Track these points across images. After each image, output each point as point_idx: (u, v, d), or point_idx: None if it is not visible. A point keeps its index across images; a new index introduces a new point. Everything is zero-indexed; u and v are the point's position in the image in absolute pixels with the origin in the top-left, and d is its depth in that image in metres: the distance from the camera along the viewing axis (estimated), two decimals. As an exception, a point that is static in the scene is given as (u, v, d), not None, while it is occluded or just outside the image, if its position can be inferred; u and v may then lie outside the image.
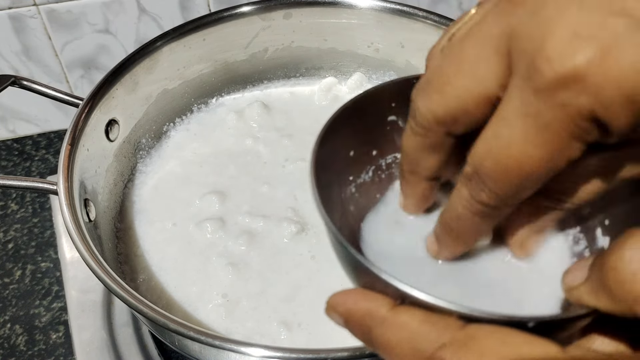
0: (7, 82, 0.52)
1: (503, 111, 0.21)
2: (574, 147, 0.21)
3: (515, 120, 0.21)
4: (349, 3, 0.59)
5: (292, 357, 0.36)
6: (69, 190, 0.45)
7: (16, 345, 0.58)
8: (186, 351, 0.42)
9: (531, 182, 0.22)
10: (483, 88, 0.22)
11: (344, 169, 0.30)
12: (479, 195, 0.23)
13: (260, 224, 0.51)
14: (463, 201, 0.24)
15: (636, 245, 0.19)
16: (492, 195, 0.23)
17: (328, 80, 0.64)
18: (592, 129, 0.20)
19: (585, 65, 0.19)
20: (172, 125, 0.61)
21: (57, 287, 0.62)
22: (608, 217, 0.27)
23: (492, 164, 0.22)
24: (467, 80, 0.22)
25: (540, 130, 0.20)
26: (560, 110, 0.20)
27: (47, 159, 0.75)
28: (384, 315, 0.22)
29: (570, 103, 0.19)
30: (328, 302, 0.24)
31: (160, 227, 0.53)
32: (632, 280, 0.19)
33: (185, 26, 0.57)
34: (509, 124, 0.21)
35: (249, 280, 0.48)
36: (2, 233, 0.67)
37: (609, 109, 0.19)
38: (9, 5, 0.66)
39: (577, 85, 0.19)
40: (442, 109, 0.23)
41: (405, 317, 0.22)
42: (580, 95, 0.19)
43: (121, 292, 0.39)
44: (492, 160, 0.22)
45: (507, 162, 0.21)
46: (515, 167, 0.21)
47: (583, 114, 0.19)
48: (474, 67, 0.22)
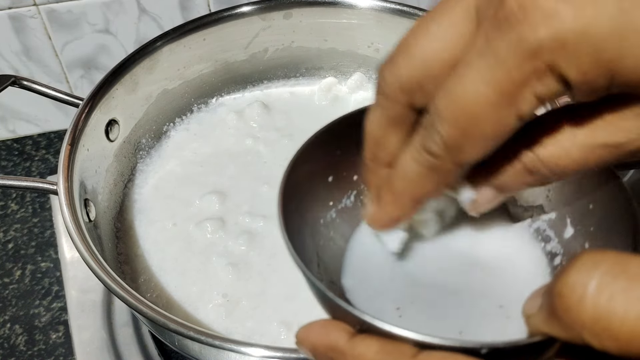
0: (7, 82, 0.52)
1: (467, 56, 0.21)
2: (525, 98, 0.20)
3: (474, 59, 0.20)
4: (349, 3, 0.59)
5: (292, 357, 0.36)
6: (69, 190, 0.45)
7: (16, 345, 0.58)
8: (186, 351, 0.42)
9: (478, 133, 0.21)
10: (450, 49, 0.21)
11: (323, 195, 0.30)
12: (428, 143, 0.22)
13: (260, 224, 0.51)
14: (413, 153, 0.23)
15: (581, 269, 0.18)
16: (441, 143, 0.22)
17: (328, 80, 0.64)
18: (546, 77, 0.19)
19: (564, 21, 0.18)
20: (172, 125, 0.61)
21: (57, 287, 0.62)
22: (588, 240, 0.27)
23: (445, 105, 0.21)
24: (432, 41, 0.22)
25: (494, 66, 0.20)
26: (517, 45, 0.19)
27: (47, 159, 0.75)
28: (342, 347, 0.23)
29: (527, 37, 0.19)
30: (296, 336, 0.25)
31: (160, 227, 0.53)
32: (577, 307, 0.18)
33: (185, 26, 0.57)
34: (468, 65, 0.20)
35: (249, 280, 0.48)
36: (2, 233, 0.67)
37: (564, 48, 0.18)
38: (9, 5, 0.66)
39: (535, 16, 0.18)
40: (407, 72, 0.22)
41: (361, 348, 0.22)
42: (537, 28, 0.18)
43: (121, 292, 0.39)
44: (446, 100, 0.21)
45: (459, 101, 0.21)
46: (465, 108, 0.21)
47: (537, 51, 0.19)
48: (440, 28, 0.22)
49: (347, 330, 0.23)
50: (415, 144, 0.23)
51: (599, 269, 0.18)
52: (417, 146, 0.23)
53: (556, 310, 0.19)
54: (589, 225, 0.27)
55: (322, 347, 0.23)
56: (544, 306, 0.20)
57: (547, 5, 0.18)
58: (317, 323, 0.24)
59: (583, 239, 0.27)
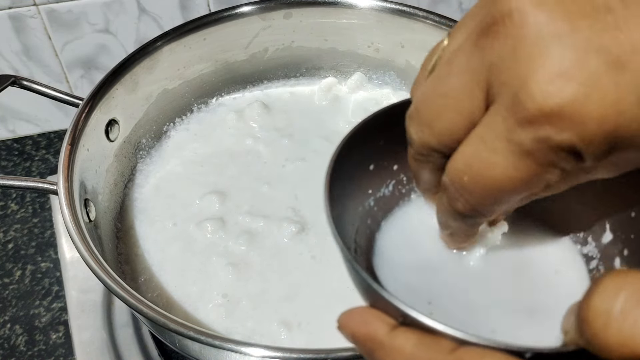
0: (7, 82, 0.52)
1: (484, 133, 0.22)
2: (551, 173, 0.22)
3: (497, 144, 0.22)
4: (349, 3, 0.59)
5: (292, 357, 0.36)
6: (69, 190, 0.45)
7: (16, 346, 0.58)
8: (186, 351, 0.42)
9: (506, 199, 0.23)
10: (468, 118, 0.23)
11: (364, 182, 0.30)
12: (455, 204, 0.25)
13: (261, 224, 0.51)
14: (443, 206, 0.26)
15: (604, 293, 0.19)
16: (467, 206, 0.24)
17: (328, 80, 0.64)
18: (570, 159, 0.21)
19: (567, 104, 0.20)
20: (172, 125, 0.61)
21: (57, 287, 0.62)
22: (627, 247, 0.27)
23: (471, 180, 0.23)
24: (453, 114, 0.23)
25: (522, 156, 0.21)
26: (543, 143, 0.21)
27: (47, 159, 0.75)
28: (382, 339, 0.23)
29: (552, 137, 0.20)
30: (338, 320, 0.25)
31: (160, 227, 0.53)
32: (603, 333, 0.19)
33: (185, 26, 0.57)
34: (490, 147, 0.22)
35: (249, 280, 0.48)
36: (2, 233, 0.67)
37: (590, 144, 0.20)
38: (9, 5, 0.66)
39: (559, 122, 0.20)
40: (434, 140, 0.24)
41: (400, 340, 0.22)
42: (562, 131, 0.20)
43: (121, 292, 0.39)
44: (472, 177, 0.23)
45: (486, 181, 0.23)
46: (494, 185, 0.23)
47: (563, 147, 0.21)
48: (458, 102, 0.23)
49: (387, 321, 0.23)
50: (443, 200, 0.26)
51: (623, 293, 0.18)
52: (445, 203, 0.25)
53: (584, 335, 0.19)
54: (629, 232, 0.27)
55: (361, 336, 0.24)
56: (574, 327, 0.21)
57: (575, 115, 0.20)
58: (357, 311, 0.25)
59: (622, 245, 0.28)
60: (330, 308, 0.45)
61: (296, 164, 0.56)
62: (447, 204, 0.25)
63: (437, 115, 0.24)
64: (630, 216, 0.27)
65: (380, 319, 0.24)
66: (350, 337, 0.25)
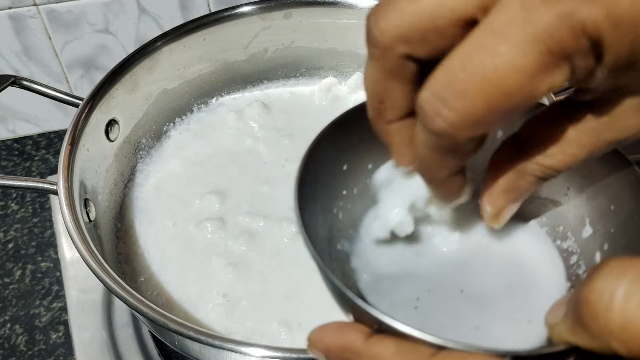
0: (7, 82, 0.52)
1: (491, 22, 0.19)
2: (560, 70, 0.19)
3: (507, 28, 0.19)
4: (349, 3, 0.59)
5: (292, 357, 0.36)
6: (69, 190, 0.45)
7: (16, 345, 0.58)
8: (186, 351, 0.42)
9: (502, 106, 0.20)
10: (463, 6, 0.20)
11: (337, 184, 0.29)
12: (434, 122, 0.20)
13: (260, 224, 0.51)
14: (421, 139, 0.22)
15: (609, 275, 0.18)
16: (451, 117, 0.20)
17: (328, 80, 0.64)
18: (587, 52, 0.19)
19: None
20: (172, 125, 0.61)
21: (57, 287, 0.62)
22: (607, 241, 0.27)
23: (468, 76, 0.19)
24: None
25: (535, 38, 0.18)
26: (565, 19, 0.18)
27: (47, 159, 0.75)
28: (359, 348, 0.22)
29: (578, 11, 0.18)
30: (308, 338, 0.24)
31: (160, 227, 0.53)
32: (605, 315, 0.18)
33: (185, 26, 0.57)
34: (497, 33, 0.19)
35: (249, 280, 0.48)
36: (2, 233, 0.67)
37: (616, 26, 0.18)
38: (9, 5, 0.66)
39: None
40: (410, 20, 0.21)
41: (378, 348, 0.22)
42: (590, 4, 0.18)
43: (121, 292, 0.39)
44: (469, 72, 0.19)
45: (487, 73, 0.19)
46: (495, 80, 0.19)
47: (587, 27, 0.18)
48: None
49: (363, 331, 0.23)
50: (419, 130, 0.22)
51: (627, 276, 0.18)
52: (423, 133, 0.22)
53: (582, 318, 0.19)
54: (609, 226, 0.27)
55: (336, 348, 0.23)
56: (569, 314, 0.20)
57: None
58: (331, 324, 0.24)
59: (602, 239, 0.27)
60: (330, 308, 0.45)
61: (296, 164, 0.55)
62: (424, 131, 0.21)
63: None
64: (609, 210, 0.27)
65: (356, 328, 0.23)
66: (323, 352, 0.24)
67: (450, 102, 0.20)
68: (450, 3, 0.20)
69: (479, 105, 0.19)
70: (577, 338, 0.20)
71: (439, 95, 0.20)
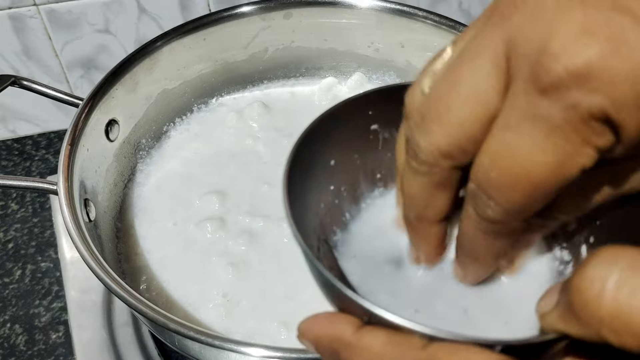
0: (7, 82, 0.52)
1: (506, 118, 0.20)
2: (585, 153, 0.19)
3: (521, 125, 0.20)
4: (349, 3, 0.59)
5: (292, 357, 0.36)
6: (69, 190, 0.45)
7: (16, 345, 0.58)
8: (186, 351, 0.42)
9: (540, 193, 0.21)
10: (486, 106, 0.21)
11: (324, 178, 0.29)
12: (485, 212, 0.22)
13: (260, 224, 0.51)
14: (471, 221, 0.23)
15: (601, 263, 0.18)
16: (499, 210, 0.21)
17: (328, 80, 0.64)
18: (604, 133, 0.19)
19: (595, 61, 0.18)
20: (172, 125, 0.61)
21: (57, 287, 0.62)
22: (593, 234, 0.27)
23: (499, 175, 0.21)
24: (467, 104, 0.21)
25: (549, 133, 0.19)
26: (571, 111, 0.19)
27: (47, 159, 0.75)
28: (348, 339, 0.22)
29: (581, 102, 0.18)
30: (298, 328, 0.24)
31: (160, 227, 0.53)
32: (596, 302, 0.18)
33: (185, 26, 0.57)
34: (514, 130, 0.20)
35: (249, 280, 0.48)
36: (2, 233, 0.67)
37: (622, 108, 0.18)
38: (9, 5, 0.66)
39: (588, 83, 0.18)
40: (446, 140, 0.22)
41: (368, 338, 0.22)
42: (592, 93, 0.18)
43: (121, 292, 0.39)
44: (499, 170, 0.20)
45: (515, 170, 0.20)
46: (524, 175, 0.20)
47: (595, 114, 0.18)
48: (473, 89, 0.21)
49: (353, 322, 0.22)
50: (470, 215, 0.23)
51: (619, 264, 0.18)
52: (474, 216, 0.23)
53: (573, 306, 0.19)
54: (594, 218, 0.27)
55: (326, 338, 0.23)
56: (560, 303, 0.20)
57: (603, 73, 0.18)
58: (321, 315, 0.24)
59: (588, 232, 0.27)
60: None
61: (296, 164, 0.56)
62: (476, 216, 0.22)
63: (447, 108, 0.21)
64: None
65: (346, 319, 0.23)
66: (313, 343, 0.24)
67: (493, 197, 0.21)
68: (475, 108, 0.21)
69: (518, 198, 0.21)
70: (568, 327, 0.19)
71: (483, 190, 0.21)
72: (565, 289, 0.20)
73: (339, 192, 0.30)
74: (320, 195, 0.29)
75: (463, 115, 0.21)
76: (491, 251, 0.24)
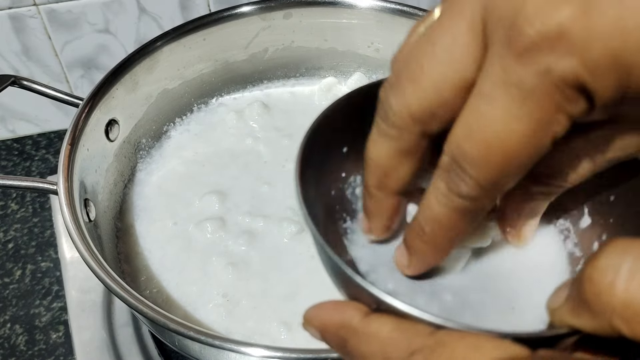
0: (7, 82, 0.52)
1: (481, 86, 0.20)
2: (559, 121, 0.19)
3: (495, 92, 0.19)
4: (349, 3, 0.59)
5: (292, 357, 0.36)
6: (69, 190, 0.45)
7: (16, 345, 0.58)
8: (186, 351, 0.42)
9: (515, 166, 0.20)
10: (461, 71, 0.20)
11: (336, 166, 0.29)
12: (459, 186, 0.21)
13: (261, 224, 0.51)
14: (440, 197, 0.22)
15: (613, 253, 0.18)
16: (473, 184, 0.21)
17: (328, 80, 0.64)
18: (577, 99, 0.19)
19: (567, 22, 0.18)
20: (172, 125, 0.61)
21: (57, 287, 0.62)
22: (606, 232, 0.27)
23: (473, 146, 0.20)
24: (442, 65, 0.21)
25: (522, 100, 0.19)
26: (544, 76, 0.18)
27: (47, 159, 0.75)
28: (356, 325, 0.22)
29: (554, 67, 0.18)
30: (304, 316, 0.24)
31: (160, 227, 0.53)
32: (608, 292, 0.18)
33: (185, 26, 0.57)
34: (488, 98, 0.19)
35: (249, 280, 0.48)
36: (2, 233, 0.67)
37: (595, 72, 0.18)
38: (9, 5, 0.66)
39: (560, 46, 0.18)
40: (418, 102, 0.21)
41: (375, 326, 0.21)
42: (564, 57, 0.18)
43: (121, 292, 0.39)
44: (473, 141, 0.20)
45: (489, 141, 0.20)
46: (498, 145, 0.20)
47: (568, 79, 0.18)
48: (448, 50, 0.20)
49: (361, 309, 0.22)
50: (440, 189, 0.22)
51: (631, 254, 0.18)
52: (444, 191, 0.22)
53: (585, 296, 0.19)
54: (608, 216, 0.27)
55: (333, 326, 0.23)
56: (570, 296, 0.20)
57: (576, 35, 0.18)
58: (328, 302, 0.23)
59: (601, 230, 0.27)
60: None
61: (296, 164, 0.56)
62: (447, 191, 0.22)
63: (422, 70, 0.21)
64: (609, 200, 0.27)
65: (353, 307, 0.22)
66: (319, 330, 0.23)
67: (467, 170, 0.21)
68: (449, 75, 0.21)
69: (493, 171, 0.20)
70: (579, 320, 0.19)
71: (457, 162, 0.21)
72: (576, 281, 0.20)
73: (351, 180, 0.30)
74: (332, 182, 0.29)
75: (436, 78, 0.21)
76: (450, 234, 0.23)
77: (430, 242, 0.24)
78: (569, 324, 0.20)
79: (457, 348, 0.20)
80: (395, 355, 0.21)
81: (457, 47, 0.20)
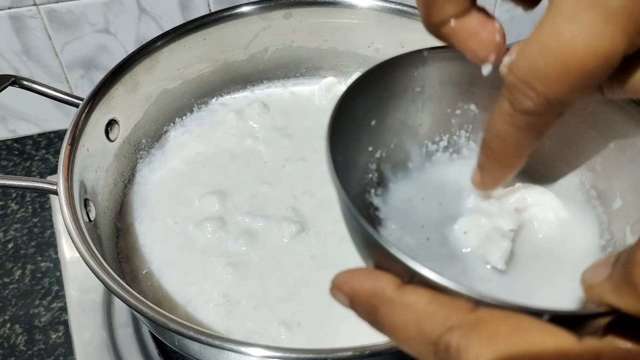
0: (7, 82, 0.52)
1: (560, 5, 0.20)
2: (636, 41, 0.20)
3: (579, 12, 0.20)
4: (349, 3, 0.59)
5: (292, 357, 0.36)
6: (69, 190, 0.45)
7: (16, 345, 0.58)
8: (186, 351, 0.42)
9: (588, 83, 0.21)
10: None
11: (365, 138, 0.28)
12: (524, 103, 0.22)
13: (260, 224, 0.51)
14: (504, 116, 0.23)
15: None
16: (540, 100, 0.21)
17: (328, 80, 0.64)
18: None
19: None
20: (172, 125, 0.61)
21: (57, 287, 0.62)
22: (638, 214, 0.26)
23: (549, 64, 0.21)
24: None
25: (607, 21, 0.19)
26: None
27: (47, 159, 0.75)
28: (390, 295, 0.21)
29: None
30: (333, 281, 0.23)
31: (160, 226, 0.53)
32: None
33: (185, 26, 0.57)
34: (571, 19, 0.20)
35: (249, 280, 0.48)
36: (2, 233, 0.67)
37: None
38: (9, 5, 0.66)
39: None
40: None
41: (412, 297, 0.21)
42: None
43: (121, 292, 0.39)
44: (550, 58, 0.21)
45: (568, 59, 0.20)
46: (577, 63, 0.20)
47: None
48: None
49: (394, 279, 0.21)
50: (504, 107, 0.23)
51: None
52: (508, 109, 0.23)
53: (632, 278, 0.18)
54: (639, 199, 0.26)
55: (364, 293, 0.22)
56: (614, 275, 0.20)
57: None
58: (360, 269, 0.23)
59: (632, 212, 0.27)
60: (330, 308, 0.45)
61: (296, 164, 0.56)
62: (511, 109, 0.22)
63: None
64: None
65: (387, 276, 0.22)
66: (349, 296, 0.22)
67: (536, 87, 0.21)
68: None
69: (565, 87, 0.21)
70: (621, 300, 0.19)
71: (525, 81, 0.21)
72: (623, 261, 0.19)
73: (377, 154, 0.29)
74: (359, 155, 0.28)
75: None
76: (517, 148, 0.24)
77: (497, 160, 0.25)
78: (609, 303, 0.20)
79: (499, 328, 0.19)
80: (430, 329, 0.20)
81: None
